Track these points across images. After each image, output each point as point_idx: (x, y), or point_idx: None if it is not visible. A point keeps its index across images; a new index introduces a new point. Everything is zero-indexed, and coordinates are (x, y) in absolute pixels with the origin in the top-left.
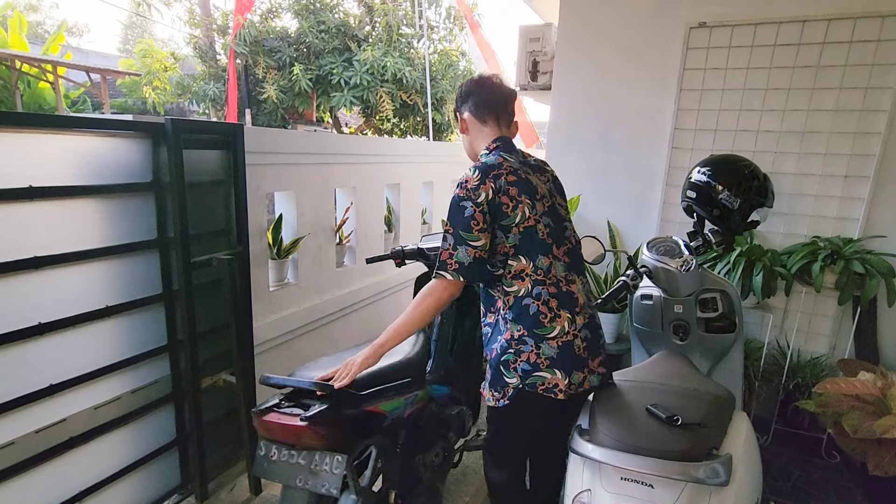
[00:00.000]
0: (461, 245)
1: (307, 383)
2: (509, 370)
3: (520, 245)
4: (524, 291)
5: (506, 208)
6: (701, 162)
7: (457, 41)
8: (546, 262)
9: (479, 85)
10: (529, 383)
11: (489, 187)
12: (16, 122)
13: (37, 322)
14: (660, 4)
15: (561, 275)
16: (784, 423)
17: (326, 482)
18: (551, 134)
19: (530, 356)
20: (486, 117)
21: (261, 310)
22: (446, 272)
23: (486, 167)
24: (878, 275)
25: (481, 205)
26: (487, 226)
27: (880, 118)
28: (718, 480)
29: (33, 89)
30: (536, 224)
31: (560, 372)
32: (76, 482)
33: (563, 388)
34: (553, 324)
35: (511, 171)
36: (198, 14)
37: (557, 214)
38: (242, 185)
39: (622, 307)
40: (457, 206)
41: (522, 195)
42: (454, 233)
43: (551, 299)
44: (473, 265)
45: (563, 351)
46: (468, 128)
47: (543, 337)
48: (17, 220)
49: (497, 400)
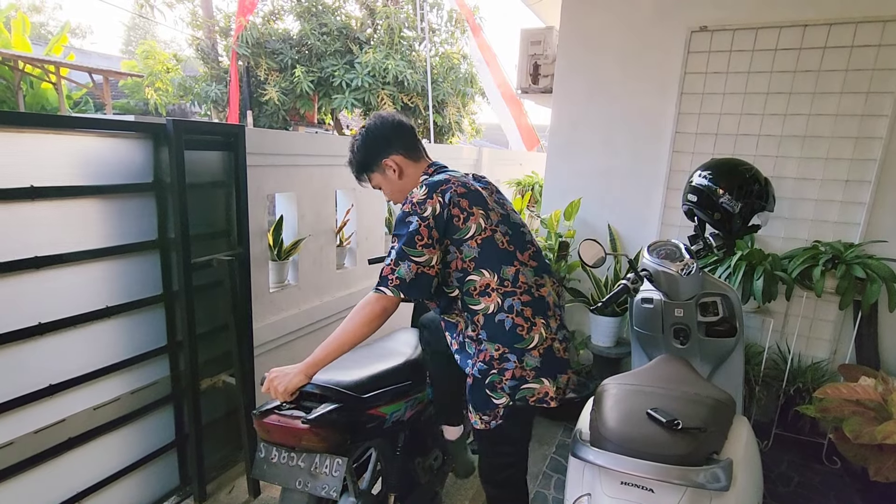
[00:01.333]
0: (403, 261)
1: (311, 385)
2: (496, 391)
3: (480, 258)
4: (494, 307)
5: (457, 221)
6: (702, 165)
7: (458, 44)
8: (512, 271)
9: (398, 126)
10: (520, 398)
11: (436, 201)
12: (18, 122)
13: (37, 322)
14: (661, 8)
15: (531, 280)
16: (784, 428)
17: (326, 484)
18: (552, 137)
19: (515, 372)
20: (418, 154)
21: (260, 311)
22: (386, 288)
23: (432, 183)
24: (879, 279)
25: (427, 219)
26: (433, 241)
27: (881, 123)
28: (719, 485)
29: (36, 90)
30: (494, 234)
31: (547, 380)
32: (75, 483)
33: (553, 394)
34: (531, 334)
35: (460, 184)
36: (200, 16)
37: (512, 221)
38: (243, 186)
39: (622, 310)
40: (402, 221)
41: (474, 206)
42: (397, 248)
43: (525, 308)
44: (415, 281)
45: (546, 357)
46: (402, 170)
47: (524, 350)
48: (19, 220)
49: (487, 423)
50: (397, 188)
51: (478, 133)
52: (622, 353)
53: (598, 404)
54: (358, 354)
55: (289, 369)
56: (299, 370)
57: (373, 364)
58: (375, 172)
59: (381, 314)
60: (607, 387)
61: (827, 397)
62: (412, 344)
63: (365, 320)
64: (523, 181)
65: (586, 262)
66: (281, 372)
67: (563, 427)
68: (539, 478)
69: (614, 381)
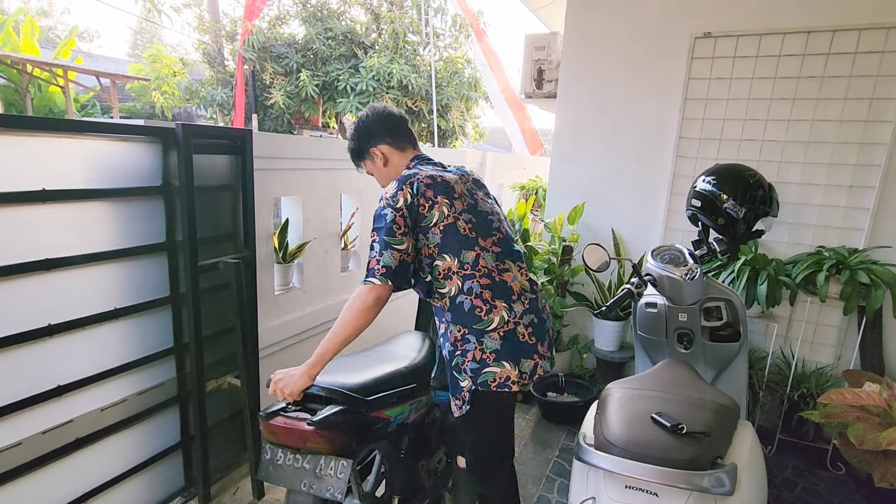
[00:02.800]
0: (386, 250)
1: (316, 388)
2: (461, 373)
3: (442, 243)
4: (455, 289)
5: (423, 209)
6: (706, 171)
7: (462, 49)
8: (471, 256)
9: (387, 117)
10: (481, 382)
11: (406, 192)
12: (31, 125)
13: (46, 323)
14: (665, 15)
15: (491, 265)
16: (788, 434)
17: (331, 486)
18: (556, 142)
19: (475, 353)
20: (404, 144)
21: (265, 314)
22: (374, 278)
23: (402, 178)
24: (883, 285)
25: (400, 209)
26: (408, 230)
27: (885, 129)
28: (723, 490)
29: (44, 93)
30: (456, 221)
31: (508, 363)
32: (81, 483)
33: (515, 378)
34: (490, 316)
35: (426, 176)
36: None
37: (478, 210)
38: (250, 189)
39: (626, 315)
40: (379, 215)
41: (438, 196)
42: (379, 239)
43: (484, 291)
44: (400, 268)
45: (507, 340)
46: (388, 159)
47: (483, 331)
48: (30, 223)
49: (459, 408)
50: (384, 175)
51: (481, 137)
52: (625, 357)
53: (602, 408)
54: (363, 358)
55: (293, 371)
56: (303, 371)
57: (377, 367)
58: (366, 160)
59: (374, 304)
60: (611, 391)
61: (831, 403)
62: (416, 347)
63: (358, 311)
64: (527, 185)
65: (590, 267)
66: (286, 374)
67: (567, 431)
68: (542, 481)
69: (618, 385)
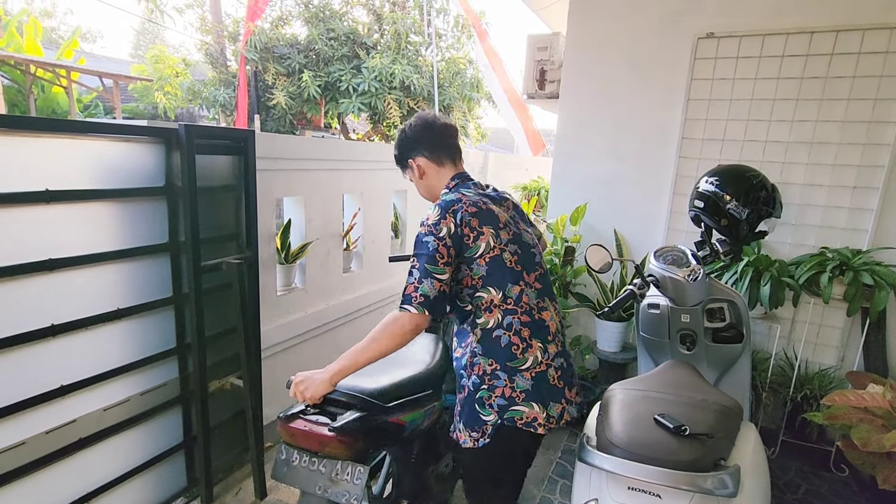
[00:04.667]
0: (426, 278)
1: (337, 392)
2: (485, 407)
3: (487, 276)
4: (494, 323)
5: (467, 240)
6: (709, 171)
7: (464, 49)
8: (517, 290)
9: (428, 129)
10: (508, 417)
11: (450, 222)
12: (35, 126)
13: (50, 323)
14: (668, 15)
15: (533, 302)
16: (791, 436)
17: (347, 492)
18: (559, 142)
19: (504, 391)
20: (442, 159)
21: (268, 314)
22: (411, 305)
23: (445, 204)
24: (887, 286)
25: (444, 238)
26: (452, 259)
27: (889, 129)
28: (727, 492)
29: (47, 93)
30: (503, 252)
31: (537, 405)
32: (84, 483)
33: (542, 421)
34: (525, 355)
35: (471, 204)
36: (209, 21)
37: (523, 241)
38: (253, 190)
39: (628, 316)
40: (421, 241)
41: (484, 226)
42: (420, 266)
43: (523, 328)
44: (438, 298)
45: (538, 382)
46: (425, 172)
47: (516, 369)
48: (34, 223)
49: (475, 440)
50: (420, 187)
51: (483, 138)
52: (628, 358)
53: (605, 409)
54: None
55: (315, 375)
56: (325, 378)
57: (395, 371)
58: (407, 168)
59: (411, 331)
60: (614, 392)
61: (835, 404)
62: (431, 351)
63: (394, 335)
64: (529, 186)
65: (593, 267)
66: (307, 377)
67: (569, 432)
68: (545, 483)
69: (621, 386)
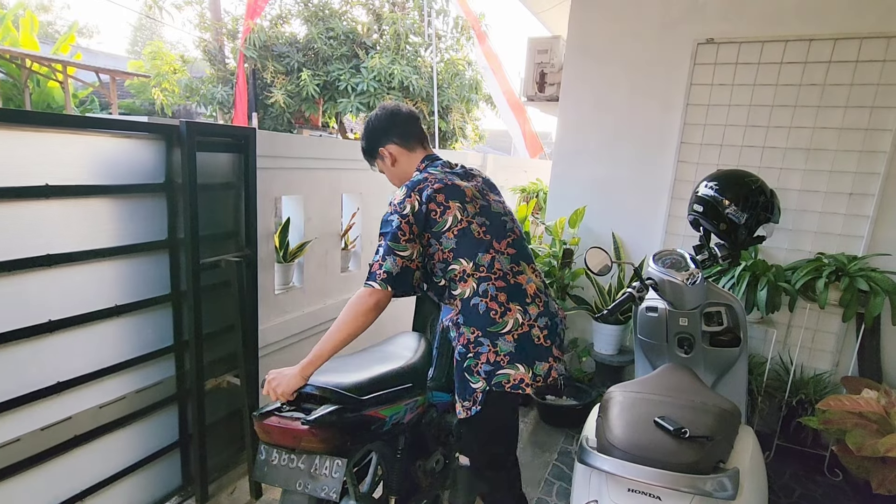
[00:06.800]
0: (389, 255)
1: (311, 387)
2: (473, 375)
3: (457, 248)
4: (470, 292)
5: (434, 214)
6: (708, 176)
7: (464, 51)
8: (488, 258)
9: (395, 116)
10: (495, 383)
11: (414, 200)
12: (35, 121)
13: (47, 319)
14: (668, 20)
15: (507, 267)
16: (786, 440)
17: (326, 486)
18: (558, 145)
19: (489, 356)
20: (412, 144)
21: (265, 313)
22: (374, 282)
23: (411, 183)
24: (882, 292)
25: (407, 216)
26: (414, 236)
27: (886, 137)
28: (726, 494)
29: (42, 88)
30: (470, 224)
31: (522, 366)
32: (79, 481)
33: (529, 381)
34: (505, 318)
35: (436, 181)
36: (208, 18)
37: (492, 212)
38: (253, 188)
39: (625, 319)
40: (386, 221)
41: (450, 200)
42: (384, 244)
43: (499, 293)
44: (400, 275)
45: (521, 343)
46: (396, 159)
47: (497, 333)
48: (33, 218)
49: (468, 410)
50: (392, 175)
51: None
52: (625, 361)
53: (604, 411)
54: (358, 358)
55: (287, 371)
56: (296, 372)
57: (373, 367)
58: (377, 159)
59: (373, 307)
60: (613, 394)
61: (830, 409)
62: (412, 348)
63: (356, 314)
64: (528, 188)
65: (592, 270)
66: (279, 374)
67: (565, 434)
68: (541, 484)
69: (620, 388)
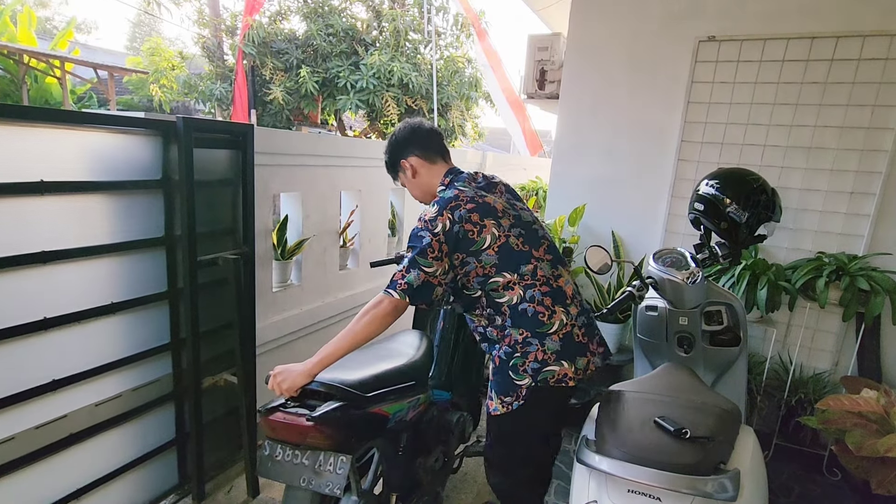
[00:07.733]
0: (413, 268)
1: (315, 384)
2: (518, 373)
3: (500, 262)
4: (517, 298)
5: (472, 234)
6: (709, 175)
7: (463, 48)
8: (530, 268)
9: (414, 131)
10: (541, 379)
11: (446, 218)
12: (31, 116)
13: (42, 317)
14: (669, 17)
15: (548, 273)
16: (785, 439)
17: (330, 482)
18: (558, 143)
19: (537, 354)
20: (433, 157)
21: (263, 310)
22: (394, 291)
23: (443, 200)
24: (882, 292)
25: (438, 234)
26: (442, 255)
27: (887, 136)
28: (726, 495)
29: (40, 84)
30: (508, 238)
31: (566, 362)
32: (74, 479)
33: (572, 375)
34: (552, 320)
35: (469, 200)
36: (207, 14)
37: (524, 221)
38: (251, 185)
39: (625, 318)
40: (415, 235)
41: (485, 219)
42: (410, 257)
43: (545, 297)
44: (421, 288)
45: (566, 342)
46: (417, 171)
47: (545, 334)
48: (27, 214)
49: (508, 405)
50: (414, 186)
51: (480, 137)
52: (623, 360)
53: (604, 411)
54: (362, 355)
55: (294, 367)
56: (304, 368)
57: (376, 364)
58: (399, 172)
59: (389, 314)
60: (613, 394)
61: (829, 409)
62: (415, 345)
63: (372, 320)
64: (528, 186)
65: (592, 269)
66: (285, 369)
67: (564, 433)
68: None
69: (620, 388)
